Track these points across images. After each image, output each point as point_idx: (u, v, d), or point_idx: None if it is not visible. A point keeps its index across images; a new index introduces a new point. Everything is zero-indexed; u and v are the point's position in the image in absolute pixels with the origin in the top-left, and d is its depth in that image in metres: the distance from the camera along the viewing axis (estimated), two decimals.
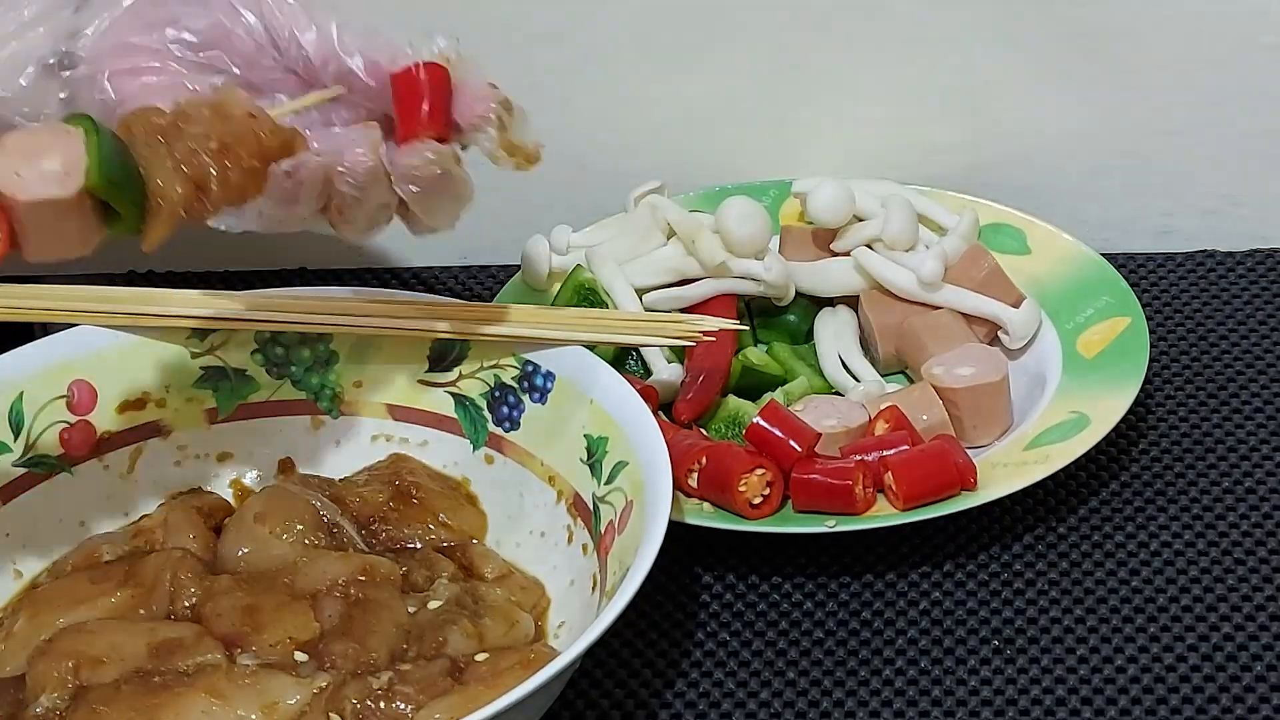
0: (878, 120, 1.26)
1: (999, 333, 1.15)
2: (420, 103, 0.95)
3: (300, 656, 0.94)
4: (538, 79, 1.25)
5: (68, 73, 0.95)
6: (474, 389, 1.05)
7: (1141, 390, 1.08)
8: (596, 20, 1.24)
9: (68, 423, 1.05)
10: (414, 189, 0.96)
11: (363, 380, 1.07)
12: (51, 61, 0.95)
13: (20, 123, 0.95)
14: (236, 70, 0.97)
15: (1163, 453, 1.11)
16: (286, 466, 1.08)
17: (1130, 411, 1.07)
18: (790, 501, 1.04)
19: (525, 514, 1.03)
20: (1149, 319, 1.13)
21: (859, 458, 1.04)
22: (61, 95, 0.96)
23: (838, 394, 1.13)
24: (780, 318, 1.18)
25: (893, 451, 1.04)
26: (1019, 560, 1.04)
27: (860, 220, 1.18)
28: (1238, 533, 1.05)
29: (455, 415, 1.06)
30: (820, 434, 1.05)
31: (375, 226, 0.98)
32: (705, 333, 1.07)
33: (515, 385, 1.04)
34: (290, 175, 0.93)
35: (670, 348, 1.13)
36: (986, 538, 1.06)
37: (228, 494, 1.07)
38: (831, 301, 1.18)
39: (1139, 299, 1.14)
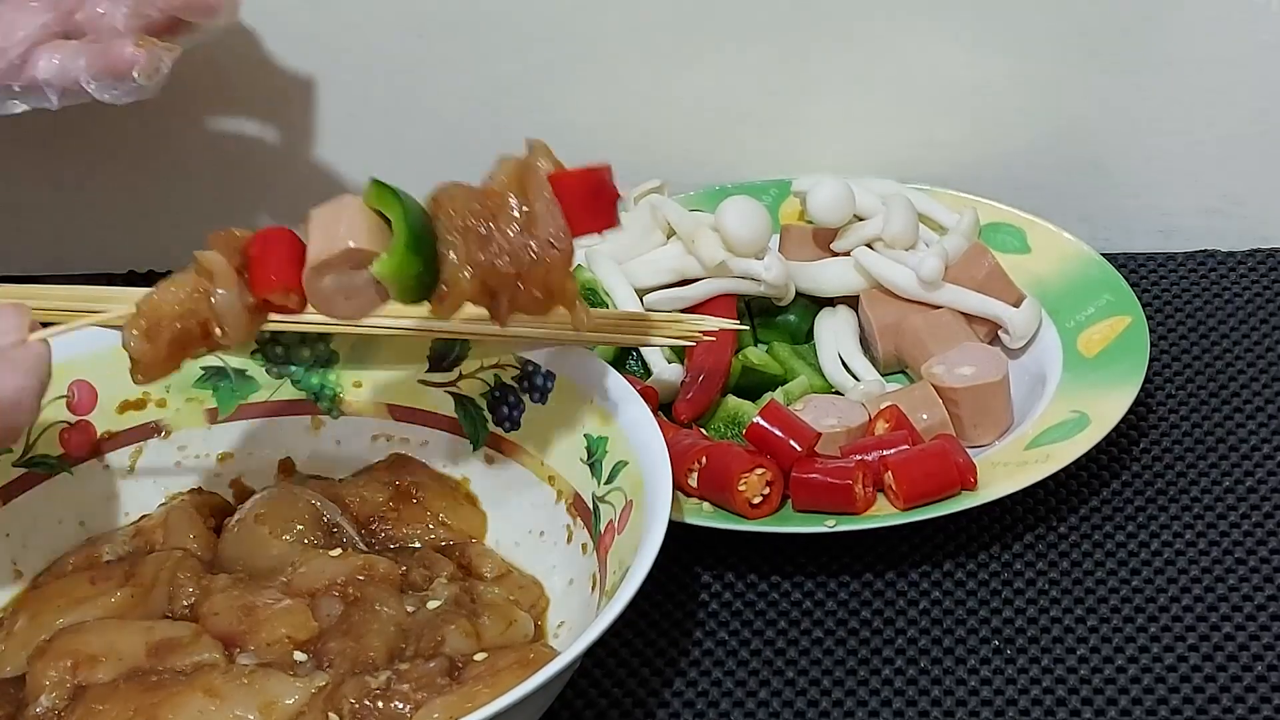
0: (878, 119, 1.26)
1: (999, 332, 1.15)
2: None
3: (299, 656, 0.94)
4: (537, 77, 1.25)
5: None
6: (474, 389, 1.05)
7: (1142, 390, 1.08)
8: (596, 18, 1.24)
9: (68, 423, 1.05)
10: None
11: (363, 380, 1.07)
12: None
13: None
14: None
15: (1163, 452, 1.10)
16: (286, 466, 1.08)
17: (1130, 411, 1.06)
18: (790, 501, 1.04)
19: (525, 513, 1.03)
20: (1149, 318, 1.13)
21: (859, 457, 1.04)
22: None
23: (838, 394, 1.13)
24: (780, 318, 1.18)
25: (893, 451, 1.04)
26: (1019, 560, 1.04)
27: (860, 219, 1.18)
28: (1238, 533, 1.05)
29: (455, 415, 1.06)
30: (820, 434, 1.05)
31: None
32: (705, 333, 1.07)
33: (515, 385, 1.04)
34: None
35: (670, 348, 1.13)
36: (986, 538, 1.05)
37: (228, 494, 1.07)
38: (831, 301, 1.18)
39: (1140, 298, 1.14)
